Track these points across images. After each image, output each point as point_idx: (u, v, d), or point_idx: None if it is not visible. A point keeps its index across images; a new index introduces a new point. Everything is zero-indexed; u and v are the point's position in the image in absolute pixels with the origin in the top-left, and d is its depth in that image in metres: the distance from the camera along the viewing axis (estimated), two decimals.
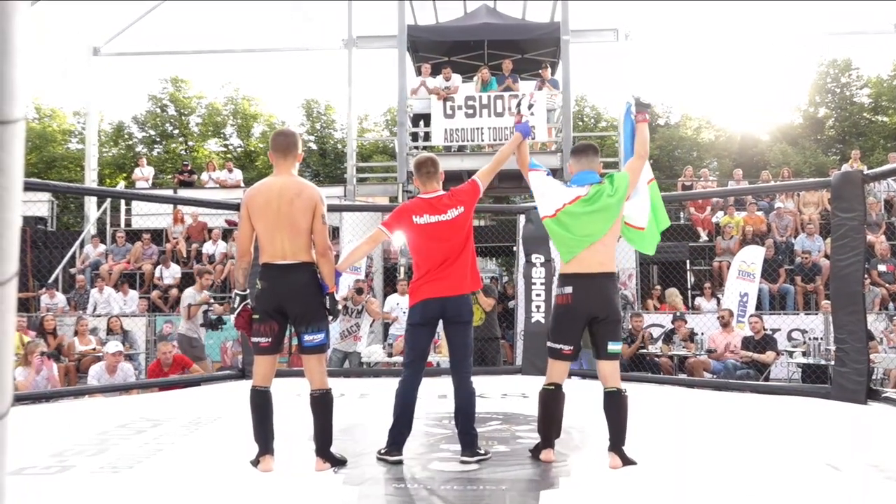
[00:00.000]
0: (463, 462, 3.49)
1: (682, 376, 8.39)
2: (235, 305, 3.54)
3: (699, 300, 10.90)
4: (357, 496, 2.97)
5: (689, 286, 11.65)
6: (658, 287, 11.28)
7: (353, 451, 3.71)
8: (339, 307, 3.66)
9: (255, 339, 3.47)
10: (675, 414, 5.07)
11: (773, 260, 10.78)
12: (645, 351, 8.95)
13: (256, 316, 3.46)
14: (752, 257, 10.10)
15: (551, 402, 3.65)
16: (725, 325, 8.86)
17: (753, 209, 12.16)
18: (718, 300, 10.35)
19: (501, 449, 3.85)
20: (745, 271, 9.97)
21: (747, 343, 8.40)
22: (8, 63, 0.67)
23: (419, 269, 3.68)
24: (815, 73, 26.06)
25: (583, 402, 4.29)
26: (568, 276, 3.60)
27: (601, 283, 3.56)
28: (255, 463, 3.36)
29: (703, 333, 9.21)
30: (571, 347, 3.62)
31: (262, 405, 3.41)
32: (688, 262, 11.87)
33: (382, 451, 3.58)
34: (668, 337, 9.12)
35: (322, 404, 3.43)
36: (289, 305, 3.40)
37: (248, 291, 3.56)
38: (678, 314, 9.41)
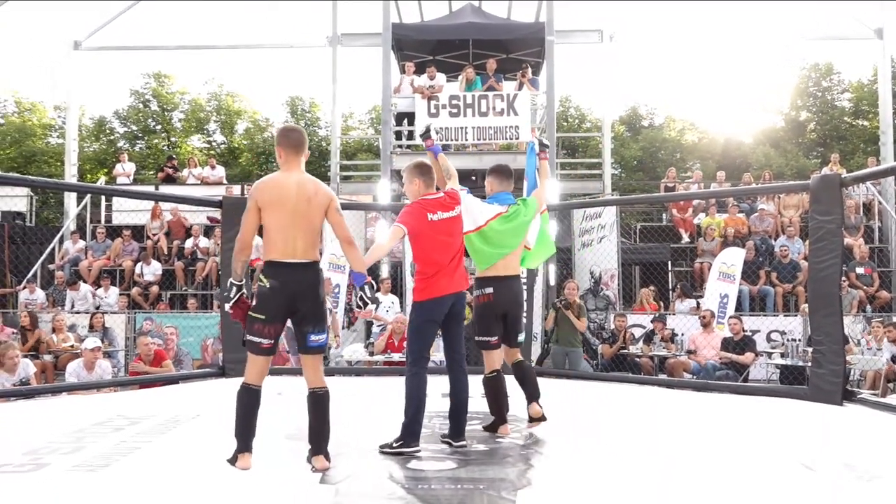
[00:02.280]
0: (451, 445, 3.81)
1: (663, 376, 8.44)
2: (232, 296, 3.43)
3: (677, 303, 10.99)
4: (334, 494, 2.97)
5: (670, 287, 11.73)
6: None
7: (336, 450, 3.70)
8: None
9: (255, 339, 3.38)
10: (653, 414, 5.10)
11: (754, 262, 10.88)
12: (626, 351, 9.00)
13: (261, 315, 3.36)
14: (733, 259, 10.18)
15: (497, 385, 4.22)
16: (706, 325, 8.93)
17: (735, 211, 12.27)
18: (698, 303, 10.41)
19: (480, 448, 3.86)
20: (725, 273, 10.05)
21: (727, 344, 8.48)
22: None
23: (431, 265, 3.83)
24: (797, 77, 26.31)
25: (563, 402, 4.31)
26: (487, 279, 4.25)
27: (515, 284, 4.36)
28: (233, 461, 3.32)
29: (683, 334, 9.28)
30: (497, 338, 4.29)
31: (251, 404, 3.36)
32: (669, 262, 11.95)
33: (396, 444, 3.66)
34: (648, 337, 9.18)
35: (323, 403, 3.42)
36: (300, 304, 3.37)
37: (243, 282, 3.46)
38: (657, 315, 9.47)
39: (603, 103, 15.40)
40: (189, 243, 12.39)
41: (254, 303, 3.40)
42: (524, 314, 4.34)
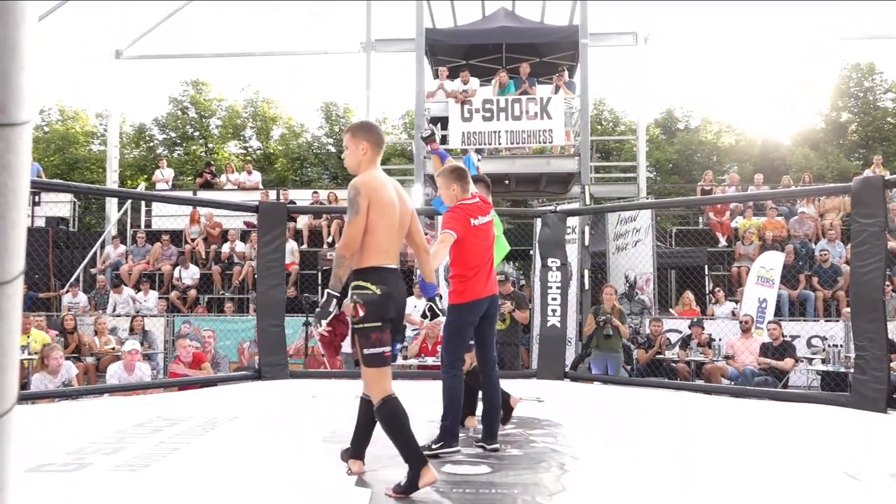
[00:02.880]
0: (485, 448, 3.82)
1: (700, 382, 8.32)
2: (331, 308, 3.10)
3: (712, 305, 10.84)
4: (369, 497, 2.98)
5: (707, 291, 11.56)
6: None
7: (372, 452, 3.72)
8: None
9: (377, 350, 3.07)
10: (689, 419, 5.03)
11: (793, 266, 10.67)
12: (662, 356, 8.90)
13: (377, 323, 3.06)
14: (772, 263, 9.99)
15: (463, 386, 3.98)
16: (746, 330, 8.78)
17: (773, 214, 12.05)
18: (733, 311, 10.25)
19: (514, 452, 3.84)
20: (764, 277, 9.87)
21: (765, 350, 8.33)
22: (15, 68, 0.69)
23: (471, 269, 3.88)
24: (837, 77, 25.77)
25: (598, 407, 4.27)
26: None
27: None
28: (417, 477, 2.96)
29: (720, 339, 9.14)
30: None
31: (403, 413, 3.07)
32: (706, 266, 11.79)
33: (436, 446, 3.68)
34: (685, 343, 9.06)
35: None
36: (398, 313, 3.22)
37: (340, 294, 3.15)
38: (695, 320, 9.34)
39: (637, 106, 15.26)
40: (226, 248, 12.57)
41: (362, 313, 3.06)
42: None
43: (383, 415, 3.07)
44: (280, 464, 3.54)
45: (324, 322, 3.09)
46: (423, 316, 3.67)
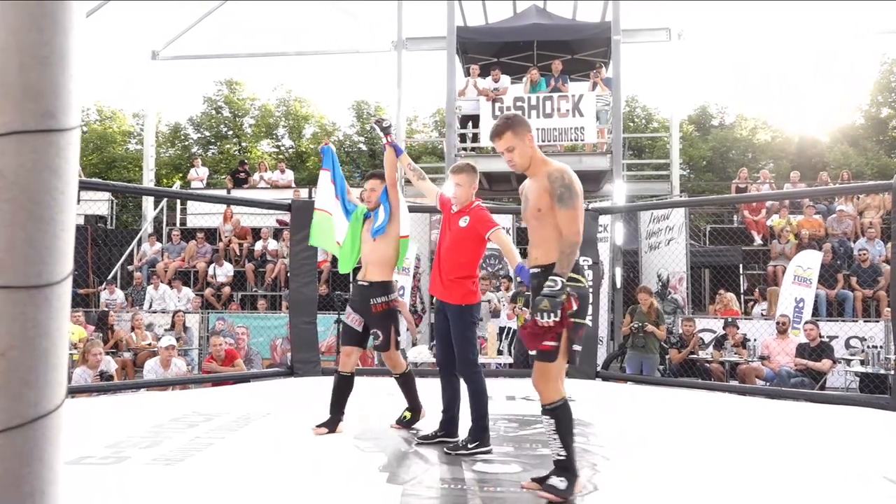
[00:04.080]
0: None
1: (734, 383, 8.21)
2: (562, 299, 2.89)
3: (752, 305, 10.68)
4: (400, 494, 3.00)
5: (741, 290, 11.39)
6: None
7: (405, 449, 3.74)
8: None
9: (577, 347, 3.04)
10: (724, 420, 4.97)
11: (831, 265, 10.46)
12: (695, 356, 8.79)
13: (585, 320, 2.99)
14: (809, 262, 9.81)
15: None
16: (783, 331, 8.64)
17: (811, 212, 11.82)
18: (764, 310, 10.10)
19: (545, 452, 3.83)
20: (801, 276, 9.70)
21: (802, 350, 8.18)
22: (66, 77, 0.71)
23: (477, 269, 3.98)
24: (877, 72, 25.18)
25: (630, 406, 4.23)
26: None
27: None
28: (573, 481, 2.96)
29: (755, 339, 9.00)
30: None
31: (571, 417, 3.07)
32: (741, 266, 11.61)
33: (472, 446, 3.70)
34: (719, 343, 8.94)
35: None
36: None
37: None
38: (729, 320, 9.21)
39: (671, 102, 15.09)
40: (259, 245, 12.72)
41: (575, 306, 2.95)
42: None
43: (562, 415, 2.99)
44: (312, 460, 3.58)
45: (557, 311, 2.86)
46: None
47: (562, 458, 2.99)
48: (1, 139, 0.71)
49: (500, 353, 8.98)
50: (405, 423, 4.37)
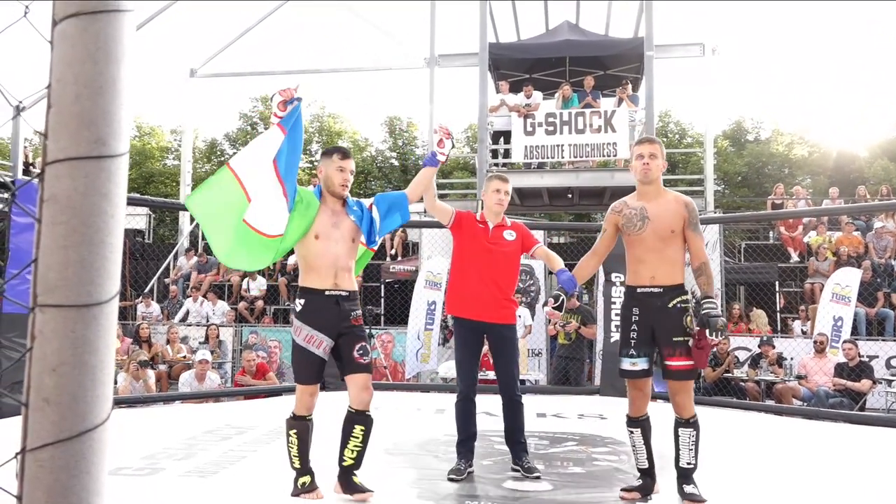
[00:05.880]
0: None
1: (770, 403, 8.06)
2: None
3: (796, 323, 10.49)
4: None
5: (778, 308, 11.20)
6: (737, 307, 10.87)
7: (435, 465, 3.75)
8: None
9: None
10: (758, 440, 4.88)
11: (871, 283, 10.24)
12: (730, 375, 8.65)
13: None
14: (848, 280, 9.60)
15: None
16: (821, 350, 8.46)
17: (850, 229, 11.59)
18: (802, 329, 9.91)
19: (577, 470, 3.80)
20: (839, 294, 9.50)
21: (840, 370, 8.01)
22: (117, 105, 0.75)
23: None
24: None
25: (660, 425, 4.18)
26: None
27: None
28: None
29: (792, 358, 8.83)
30: None
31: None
32: (777, 283, 11.42)
33: (529, 465, 3.66)
34: (754, 361, 8.79)
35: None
36: None
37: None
38: (765, 338, 9.05)
39: (705, 117, 14.96)
40: (292, 260, 12.86)
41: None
42: None
43: (699, 428, 3.26)
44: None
45: (719, 335, 3.17)
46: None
47: (691, 466, 3.21)
48: (56, 165, 0.75)
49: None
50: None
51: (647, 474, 3.31)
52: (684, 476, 3.21)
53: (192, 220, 15.11)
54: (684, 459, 3.22)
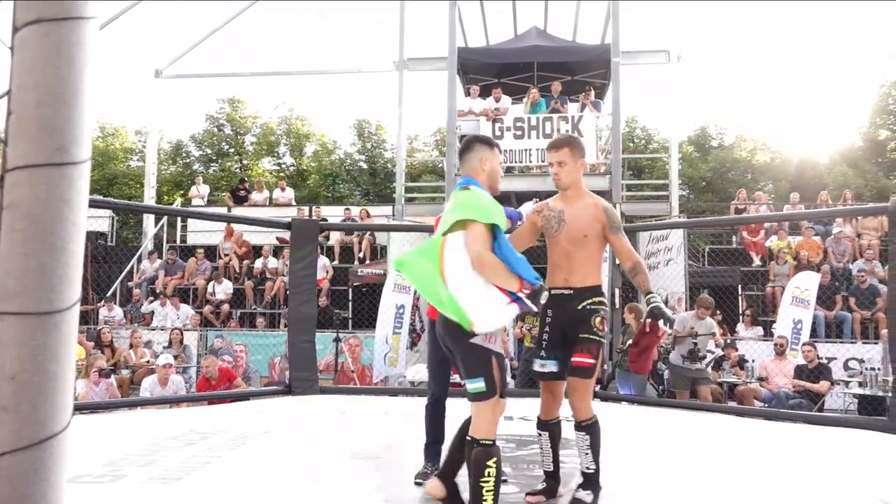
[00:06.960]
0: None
1: (732, 404, 8.20)
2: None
3: (739, 326, 10.69)
4: None
5: (740, 311, 11.41)
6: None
7: (402, 469, 3.74)
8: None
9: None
10: (722, 442, 4.97)
11: (830, 286, 10.49)
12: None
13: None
14: (807, 283, 9.83)
15: None
16: (781, 353, 8.64)
17: (810, 234, 11.87)
18: (770, 330, 10.10)
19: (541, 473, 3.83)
20: (799, 297, 9.72)
21: (800, 372, 8.19)
22: (78, 112, 0.74)
23: None
24: (876, 95, 25.37)
25: (628, 428, 4.24)
26: None
27: None
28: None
29: (753, 360, 9.01)
30: None
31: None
32: (740, 286, 11.63)
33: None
34: (717, 363, 8.94)
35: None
36: None
37: None
38: (728, 341, 9.22)
39: (670, 123, 15.19)
40: (258, 263, 12.75)
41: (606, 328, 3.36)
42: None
43: (596, 431, 3.29)
44: (310, 479, 3.58)
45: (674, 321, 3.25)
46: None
47: (591, 471, 3.17)
48: (16, 172, 0.74)
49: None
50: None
51: (552, 477, 3.30)
52: (585, 481, 3.18)
53: (156, 222, 14.89)
54: (583, 464, 3.20)
